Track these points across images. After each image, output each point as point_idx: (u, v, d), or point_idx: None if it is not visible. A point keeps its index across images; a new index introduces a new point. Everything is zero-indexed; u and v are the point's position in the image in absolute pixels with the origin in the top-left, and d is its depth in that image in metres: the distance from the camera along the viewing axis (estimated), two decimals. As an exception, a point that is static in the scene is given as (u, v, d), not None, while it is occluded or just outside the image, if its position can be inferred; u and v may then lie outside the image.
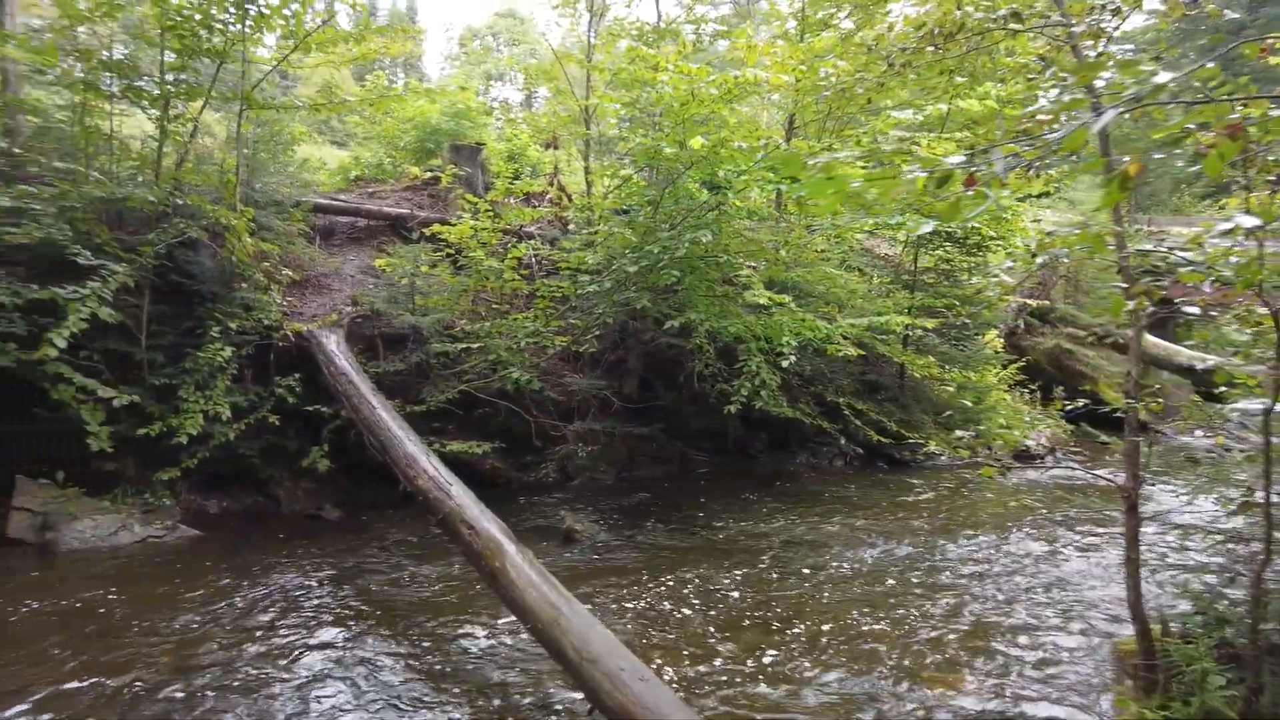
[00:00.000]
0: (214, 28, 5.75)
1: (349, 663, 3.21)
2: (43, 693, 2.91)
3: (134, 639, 3.47)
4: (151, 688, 2.97)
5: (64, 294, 5.05)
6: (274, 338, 5.94)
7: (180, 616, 3.72)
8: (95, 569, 4.62)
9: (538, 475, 6.76)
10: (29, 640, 3.47)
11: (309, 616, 3.76)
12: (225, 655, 3.28)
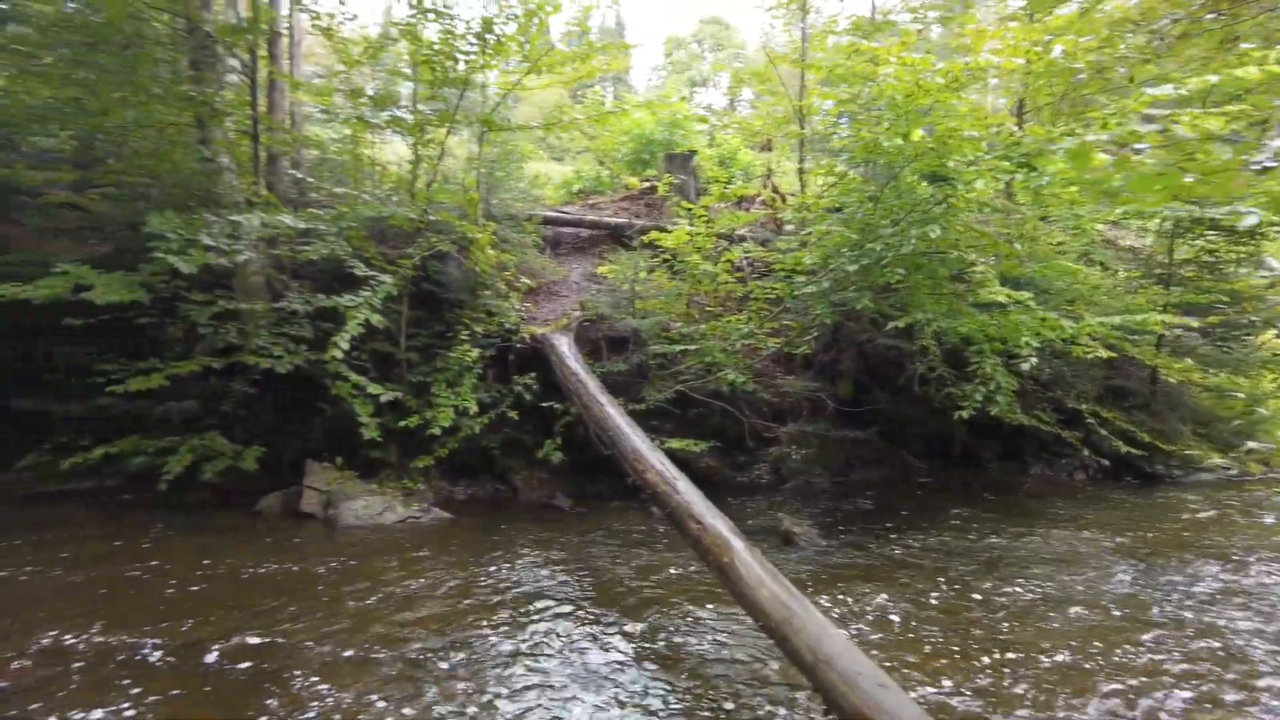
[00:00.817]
0: (458, 59, 7.34)
1: (577, 642, 3.74)
2: (329, 638, 3.81)
3: (396, 601, 4.28)
4: (408, 641, 3.72)
5: (344, 302, 6.66)
6: (513, 340, 7.34)
7: (434, 587, 4.52)
8: (367, 542, 5.89)
9: (751, 476, 7.66)
10: (320, 594, 4.56)
11: (542, 595, 4.42)
12: (466, 623, 3.96)
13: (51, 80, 6.86)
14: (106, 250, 7.22)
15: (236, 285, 6.93)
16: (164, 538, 5.71)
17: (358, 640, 3.76)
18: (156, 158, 7.17)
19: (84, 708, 3.07)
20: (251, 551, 5.37)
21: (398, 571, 4.97)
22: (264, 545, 5.58)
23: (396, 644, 3.72)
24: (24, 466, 6.61)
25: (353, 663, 3.51)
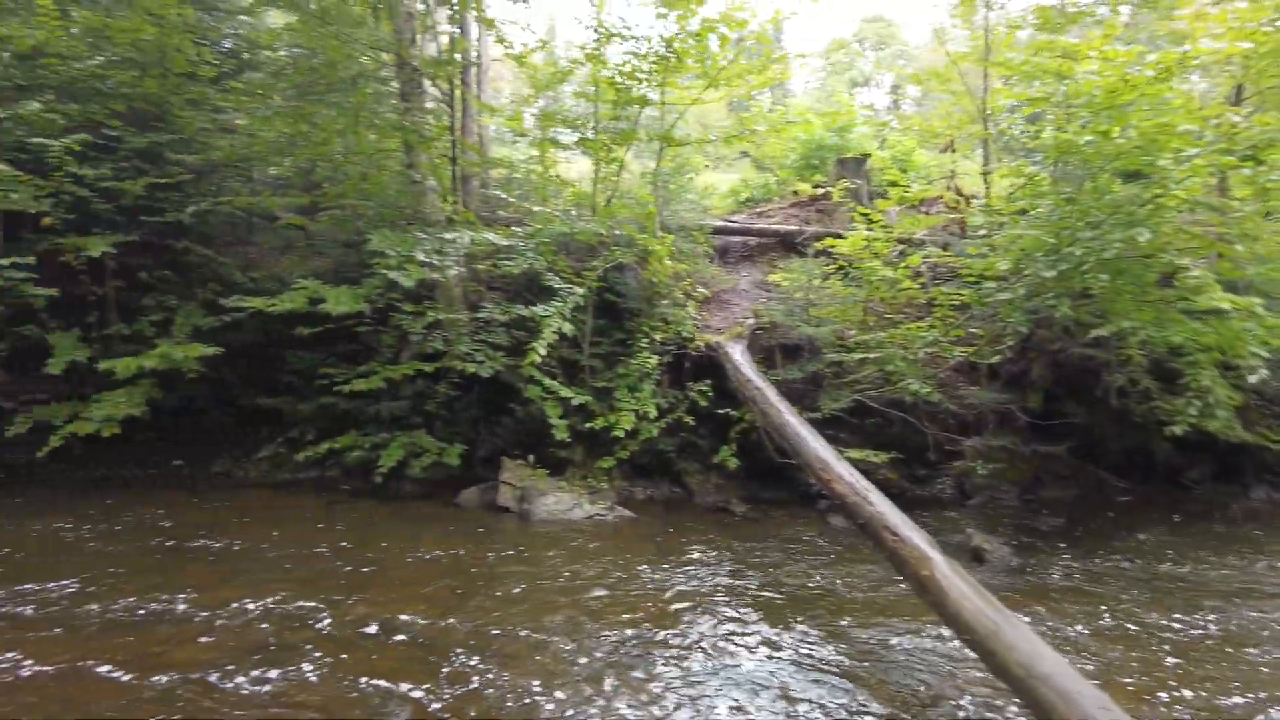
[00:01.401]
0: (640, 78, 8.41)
1: (754, 643, 4.13)
2: (517, 621, 4.49)
3: (585, 592, 4.97)
4: (599, 626, 4.35)
5: (539, 311, 7.81)
6: (688, 348, 8.29)
7: (621, 582, 5.15)
8: (558, 536, 6.80)
9: (932, 490, 8.14)
10: (513, 581, 5.42)
11: (719, 598, 4.87)
12: (648, 617, 4.49)
13: (282, 118, 8.56)
14: (327, 266, 8.83)
15: (439, 296, 8.29)
16: (375, 524, 6.91)
17: (546, 625, 4.39)
18: (368, 181, 8.73)
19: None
20: (452, 539, 6.42)
21: (586, 565, 5.76)
22: (464, 534, 6.65)
23: (582, 632, 4.29)
24: (262, 457, 8.25)
25: (539, 645, 4.15)
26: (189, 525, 6.39)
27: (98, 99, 7.97)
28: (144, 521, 6.46)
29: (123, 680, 3.66)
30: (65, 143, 7.20)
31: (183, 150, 8.19)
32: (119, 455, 7.99)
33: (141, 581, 4.98)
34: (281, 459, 8.14)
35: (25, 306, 7.51)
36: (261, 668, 3.82)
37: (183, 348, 7.41)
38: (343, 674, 3.79)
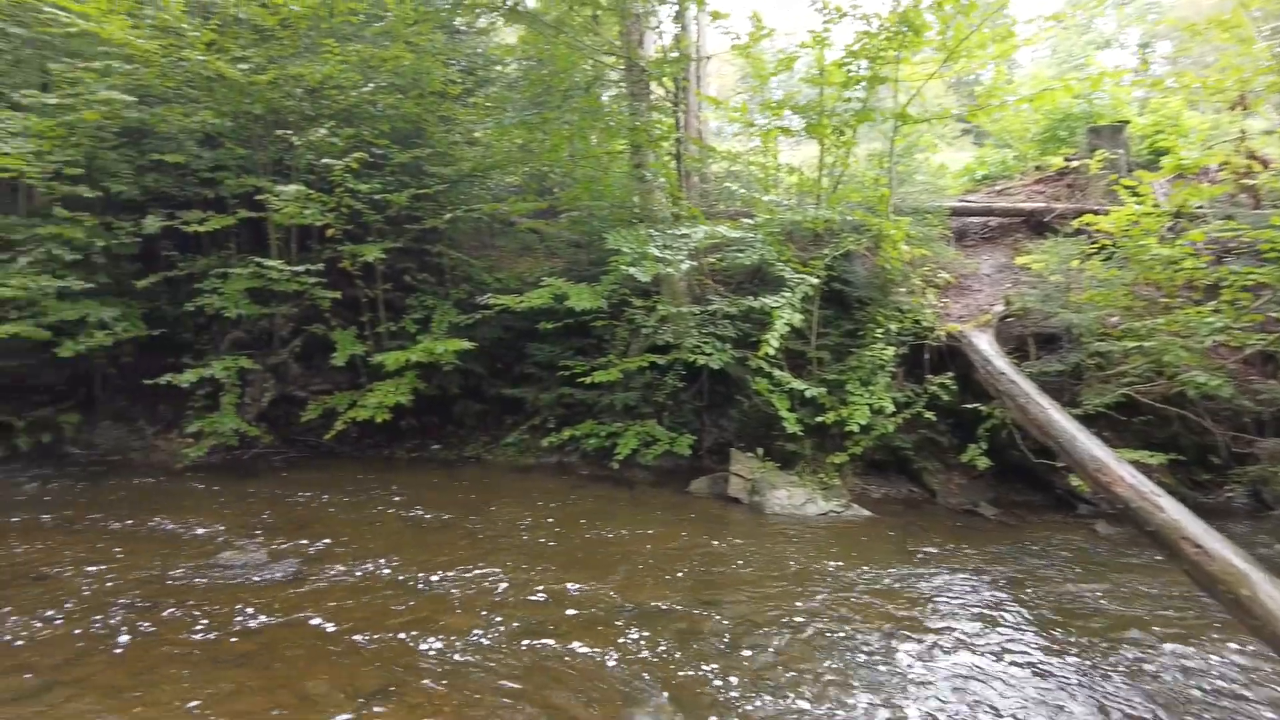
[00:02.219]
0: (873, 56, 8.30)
1: (1024, 668, 3.84)
2: (751, 612, 4.72)
3: (823, 590, 4.90)
4: (844, 634, 4.21)
5: (770, 303, 7.93)
6: (927, 338, 8.09)
7: (862, 583, 5.03)
8: (792, 531, 6.97)
9: (1218, 497, 7.39)
10: (746, 572, 5.54)
11: (976, 608, 4.64)
12: (893, 624, 4.34)
13: (516, 128, 9.35)
14: (561, 266, 9.57)
15: (665, 291, 8.69)
16: (616, 508, 7.30)
17: (793, 621, 4.45)
18: (597, 183, 9.33)
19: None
20: (689, 527, 6.66)
21: (826, 562, 5.73)
22: (699, 523, 6.87)
23: (830, 631, 4.28)
24: (508, 443, 9.09)
25: (787, 644, 4.16)
26: (449, 504, 7.15)
27: (368, 122, 9.15)
28: (406, 498, 7.29)
29: (402, 640, 4.20)
30: (345, 163, 8.31)
31: (437, 163, 9.20)
32: (388, 438, 9.14)
33: (411, 554, 5.64)
34: (526, 444, 8.90)
35: (314, 308, 8.78)
36: (524, 638, 4.19)
37: (441, 342, 8.32)
38: (599, 650, 4.06)
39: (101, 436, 9.28)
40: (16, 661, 3.81)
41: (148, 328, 8.81)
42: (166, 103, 9.02)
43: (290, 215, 8.22)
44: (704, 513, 7.41)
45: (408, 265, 9.16)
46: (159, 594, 4.71)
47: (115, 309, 8.52)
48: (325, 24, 9.25)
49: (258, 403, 8.76)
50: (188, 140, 9.16)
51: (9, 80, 9.08)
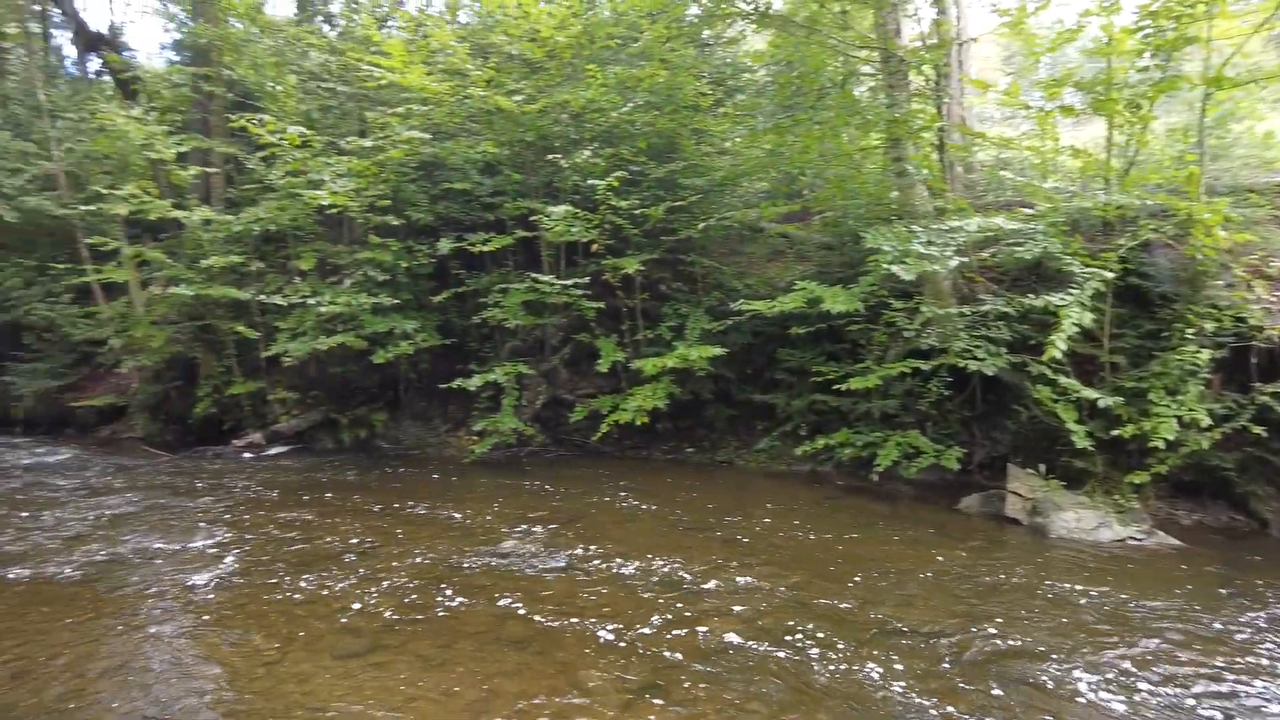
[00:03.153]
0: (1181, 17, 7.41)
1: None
2: (1054, 650, 4.27)
3: (1127, 630, 4.40)
4: (1151, 676, 3.88)
5: (1056, 301, 7.32)
6: (1255, 339, 7.08)
7: (1171, 622, 4.51)
8: (1081, 558, 6.27)
9: None
10: (1036, 604, 5.07)
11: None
12: (1221, 677, 3.87)
13: (765, 134, 9.55)
14: (811, 269, 9.65)
15: (928, 291, 8.41)
16: (874, 522, 7.12)
17: (1086, 661, 4.14)
18: (850, 182, 9.28)
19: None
20: (956, 548, 6.28)
21: (1124, 596, 5.12)
22: (968, 543, 6.48)
23: (1131, 679, 3.89)
24: (760, 449, 9.34)
25: (1075, 691, 3.80)
26: (704, 507, 7.43)
27: (626, 140, 9.89)
28: (664, 499, 7.69)
29: (666, 637, 4.44)
30: (607, 181, 9.03)
31: (690, 175, 9.70)
32: (646, 440, 9.80)
33: (670, 553, 5.93)
34: (778, 451, 9.09)
35: (581, 318, 9.66)
36: (783, 648, 4.25)
37: (694, 348, 8.76)
38: (859, 667, 4.02)
39: (404, 433, 10.91)
40: (349, 624, 4.62)
41: (441, 338, 10.23)
42: (453, 137, 10.42)
43: (560, 234, 9.12)
44: (976, 533, 7.06)
45: (663, 275, 9.75)
46: (455, 575, 5.45)
47: (415, 321, 9.99)
48: (586, 51, 10.15)
49: (532, 405, 9.81)
50: (471, 169, 10.49)
51: (337, 130, 11.00)
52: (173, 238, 12.07)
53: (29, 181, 13.88)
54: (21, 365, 14.02)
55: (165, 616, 4.73)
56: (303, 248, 10.89)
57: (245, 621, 4.63)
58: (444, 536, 6.34)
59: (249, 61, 12.38)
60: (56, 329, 13.49)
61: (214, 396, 11.42)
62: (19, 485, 8.92)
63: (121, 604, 4.95)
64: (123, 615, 4.78)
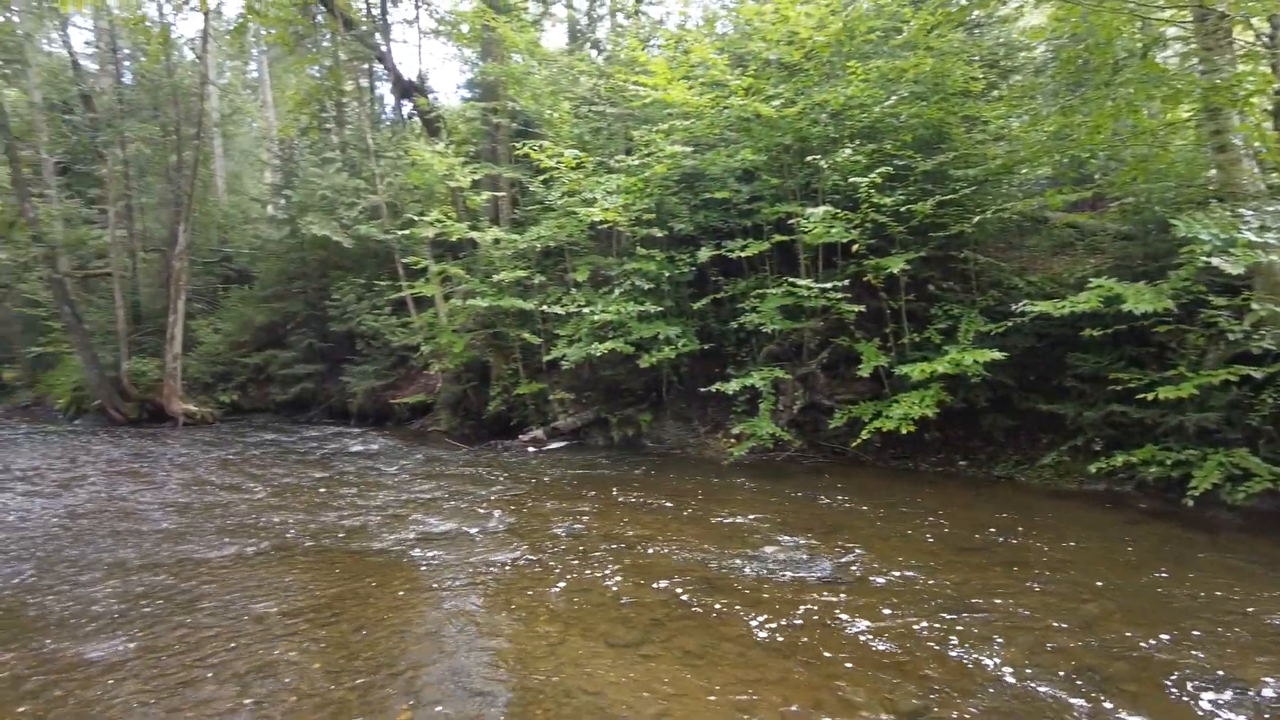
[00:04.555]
0: None
1: None
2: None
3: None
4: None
5: None
6: None
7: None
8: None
9: None
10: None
11: None
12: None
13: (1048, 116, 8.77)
14: (1106, 263, 8.73)
15: (1262, 285, 7.26)
16: (1190, 555, 6.23)
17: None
18: (1154, 162, 8.26)
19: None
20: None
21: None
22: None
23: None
24: (1045, 464, 8.63)
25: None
26: (979, 525, 6.99)
27: (889, 135, 9.66)
28: (932, 514, 7.34)
29: (938, 659, 4.22)
30: (869, 179, 8.89)
31: (961, 165, 9.23)
32: (912, 450, 9.48)
33: (941, 572, 5.67)
34: (1066, 467, 8.34)
35: (840, 321, 9.60)
36: (1078, 695, 3.86)
37: (968, 353, 8.31)
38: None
39: (667, 433, 11.58)
40: (622, 615, 4.98)
41: (700, 342, 10.72)
42: (713, 148, 10.86)
43: (818, 236, 9.16)
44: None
45: (931, 274, 9.39)
46: (718, 576, 5.67)
47: (677, 327, 10.57)
48: (846, 47, 10.08)
49: (789, 410, 9.94)
50: (729, 178, 10.87)
51: (607, 150, 11.98)
52: (469, 255, 13.89)
53: (360, 212, 16.72)
54: (355, 367, 16.92)
55: (464, 593, 5.52)
56: (578, 260, 11.99)
57: (531, 604, 5.25)
58: (707, 536, 6.68)
59: (529, 92, 13.84)
60: (380, 337, 16.10)
61: (503, 396, 12.95)
62: (353, 469, 10.82)
63: (430, 579, 5.86)
64: (431, 589, 5.66)
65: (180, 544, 6.83)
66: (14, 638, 4.80)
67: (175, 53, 21.24)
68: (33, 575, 6.13)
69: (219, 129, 25.29)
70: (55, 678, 4.21)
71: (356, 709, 3.74)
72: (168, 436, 15.81)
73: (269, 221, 22.37)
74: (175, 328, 18.13)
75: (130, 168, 20.46)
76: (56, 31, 21.84)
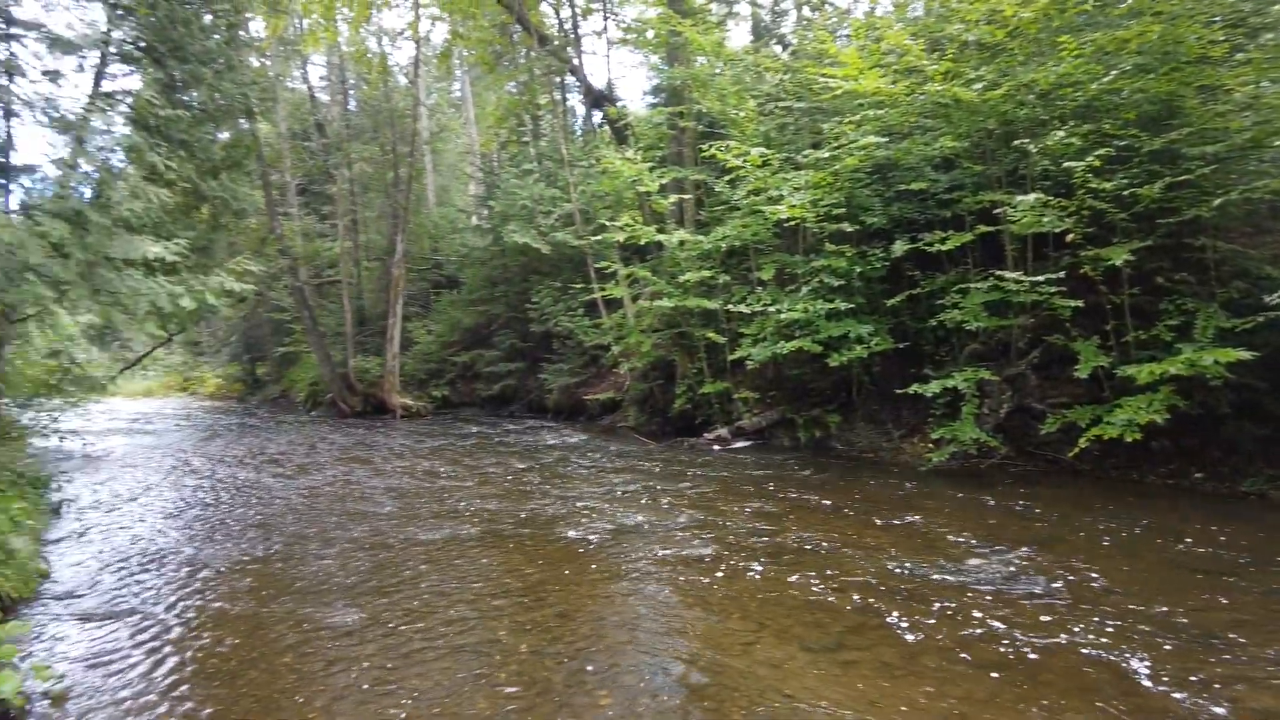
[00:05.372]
0: None
1: None
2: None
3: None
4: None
5: None
6: None
7: None
8: None
9: None
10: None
11: None
12: None
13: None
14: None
15: None
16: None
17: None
18: None
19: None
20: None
21: None
22: None
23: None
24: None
25: None
26: (1217, 544, 6.25)
27: (1108, 113, 8.83)
28: (1164, 532, 6.62)
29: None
30: (1086, 162, 8.18)
31: (1196, 142, 8.27)
32: (1136, 460, 8.62)
33: (1176, 599, 5.09)
34: None
35: (1053, 317, 8.92)
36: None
37: (1207, 352, 7.45)
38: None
39: (857, 435, 11.31)
40: (815, 619, 4.91)
41: (894, 341, 10.38)
42: (908, 136, 10.47)
43: (1028, 225, 8.58)
44: None
45: (1159, 265, 8.49)
46: (916, 585, 5.45)
47: (869, 325, 10.29)
48: (1056, 21, 9.35)
49: (995, 414, 9.38)
50: (926, 167, 10.43)
51: (793, 146, 11.89)
52: (656, 258, 14.29)
53: (556, 220, 17.70)
54: (551, 365, 17.95)
55: (657, 586, 5.72)
56: (763, 259, 12.00)
57: (723, 602, 5.34)
58: (903, 544, 6.49)
59: (714, 94, 14.01)
60: (574, 337, 16.97)
61: (689, 394, 13.22)
62: (551, 461, 11.49)
63: (624, 570, 6.12)
64: (625, 580, 5.91)
65: (402, 525, 7.61)
66: (273, 599, 5.59)
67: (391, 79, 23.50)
68: (282, 546, 7.09)
69: (429, 146, 27.66)
70: (307, 636, 4.87)
71: (561, 690, 4.03)
72: (387, 427, 17.57)
73: (474, 230, 24.19)
74: (394, 329, 20.08)
75: (355, 185, 22.91)
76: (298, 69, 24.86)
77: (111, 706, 3.96)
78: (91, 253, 5.95)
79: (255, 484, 10.35)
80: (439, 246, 26.25)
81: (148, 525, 8.08)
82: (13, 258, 5.22)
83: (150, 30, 9.02)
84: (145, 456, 13.58)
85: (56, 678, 4.21)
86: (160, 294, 6.15)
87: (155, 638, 4.92)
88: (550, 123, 21.67)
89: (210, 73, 9.85)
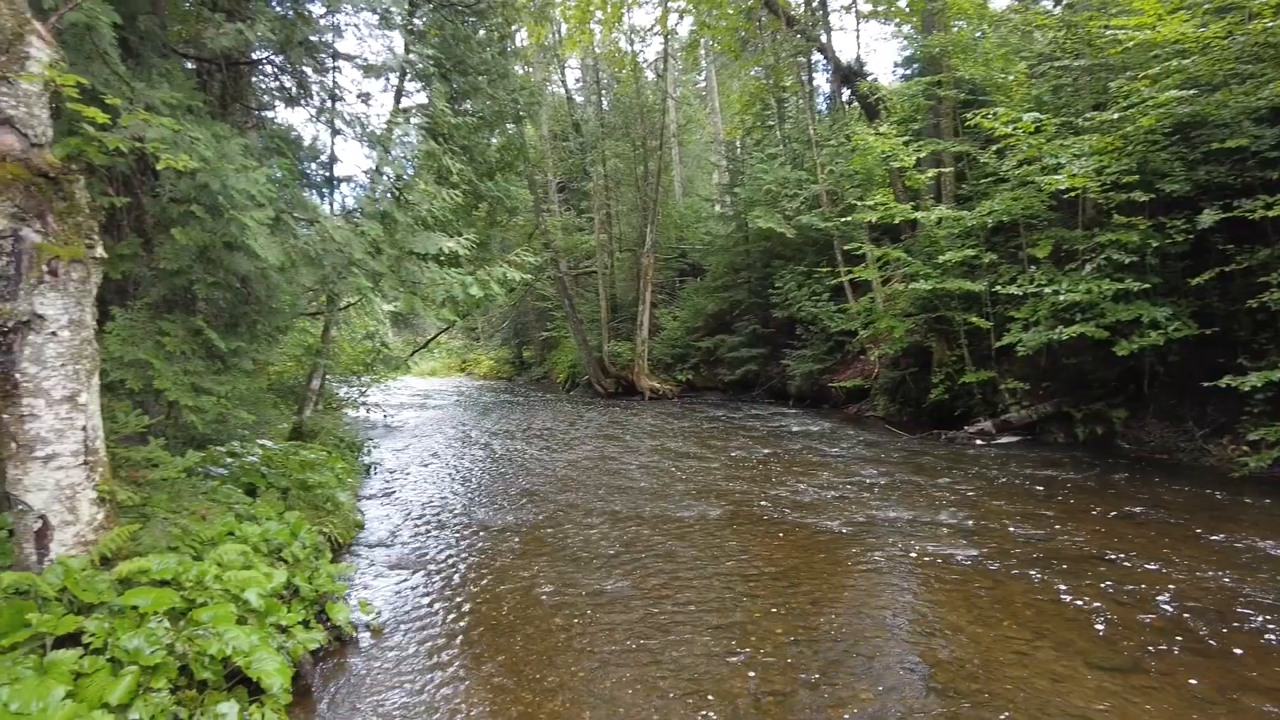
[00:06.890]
0: None
1: None
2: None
3: None
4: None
5: None
6: None
7: None
8: None
9: None
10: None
11: None
12: None
13: None
14: None
15: None
16: None
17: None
18: None
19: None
20: None
21: None
22: None
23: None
24: None
25: None
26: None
27: None
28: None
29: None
30: None
31: None
32: None
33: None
34: None
35: None
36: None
37: None
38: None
39: (1149, 433, 9.97)
40: (1103, 635, 4.42)
41: (1198, 326, 9.01)
42: (1221, 88, 9.00)
43: (1392, 185, 7.03)
44: None
45: None
46: (1230, 609, 4.69)
47: (1166, 308, 9.02)
48: None
49: (1337, 412, 7.82)
50: (1245, 121, 8.90)
51: (1071, 109, 10.70)
52: (909, 238, 13.57)
53: (802, 203, 17.43)
54: (794, 352, 17.77)
55: (918, 583, 5.45)
56: (1037, 235, 10.95)
57: (991, 606, 4.95)
58: (1209, 559, 5.64)
59: (977, 59, 12.96)
60: (818, 322, 16.64)
61: (946, 384, 12.44)
62: (798, 448, 11.37)
63: (881, 564, 5.89)
64: (882, 574, 5.69)
65: (655, 501, 7.96)
66: (549, 564, 6.11)
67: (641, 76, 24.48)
68: (549, 514, 7.71)
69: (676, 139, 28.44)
70: (573, 600, 5.27)
71: (820, 680, 4.00)
72: (637, 408, 18.45)
73: (717, 218, 24.56)
74: (643, 315, 21.02)
75: (609, 180, 24.18)
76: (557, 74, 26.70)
77: (416, 645, 4.58)
78: (398, 248, 6.84)
79: (524, 455, 11.37)
80: (684, 236, 26.99)
81: (436, 488, 9.19)
82: (342, 254, 6.12)
83: (439, 49, 10.14)
84: (433, 428, 15.45)
85: (375, 613, 4.93)
86: (454, 284, 6.95)
87: (446, 586, 5.61)
88: (796, 105, 21.34)
89: (486, 83, 10.88)
